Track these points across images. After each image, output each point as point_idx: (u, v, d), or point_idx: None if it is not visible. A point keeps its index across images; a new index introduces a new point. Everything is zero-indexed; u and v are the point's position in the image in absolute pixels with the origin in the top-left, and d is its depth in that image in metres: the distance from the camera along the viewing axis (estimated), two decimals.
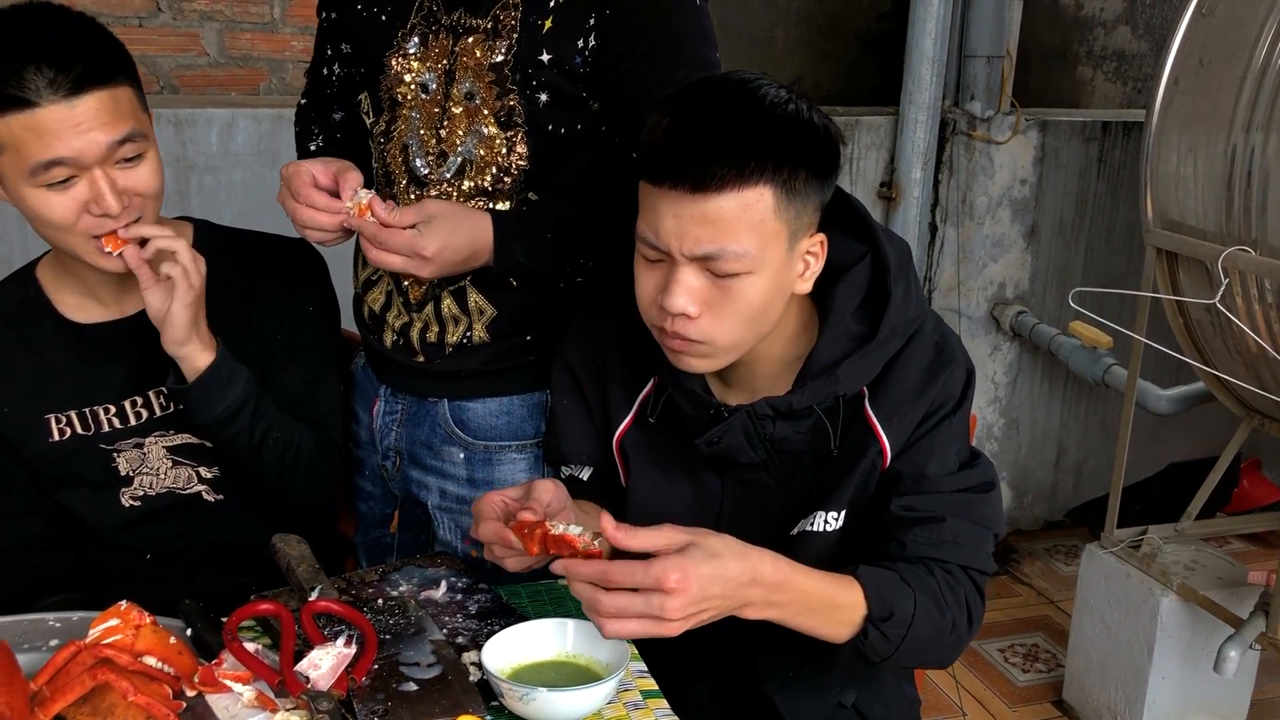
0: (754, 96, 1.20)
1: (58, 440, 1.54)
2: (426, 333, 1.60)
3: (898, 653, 1.25)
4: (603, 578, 1.08)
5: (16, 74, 1.31)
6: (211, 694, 1.13)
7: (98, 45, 1.39)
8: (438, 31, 1.50)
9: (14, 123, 1.33)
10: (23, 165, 1.35)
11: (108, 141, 1.36)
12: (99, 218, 1.39)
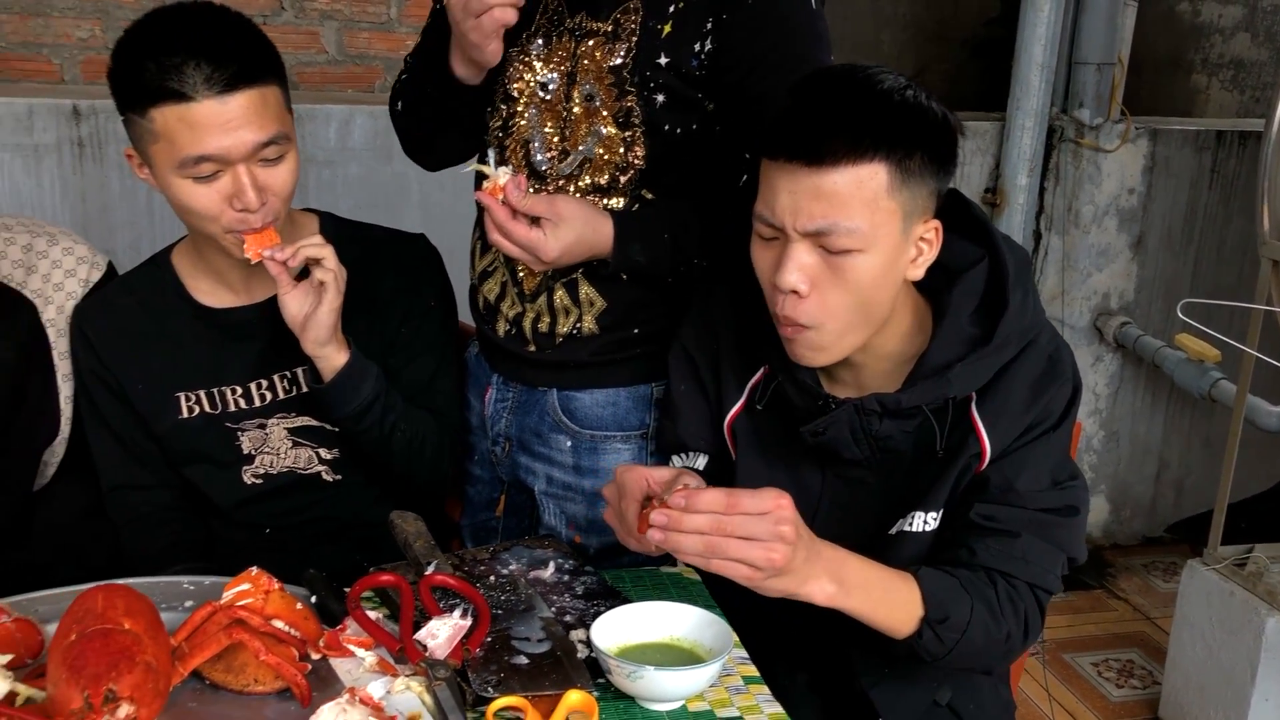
0: (872, 80, 1.23)
1: (186, 418, 1.62)
2: (538, 323, 1.65)
3: (950, 655, 1.28)
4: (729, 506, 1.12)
5: (176, 69, 1.39)
6: (335, 658, 1.19)
7: (252, 45, 1.46)
8: (561, 34, 1.55)
9: (169, 114, 1.41)
10: (173, 156, 1.43)
11: (255, 141, 1.43)
12: (239, 212, 1.47)
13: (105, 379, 1.60)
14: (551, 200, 1.49)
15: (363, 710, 1.05)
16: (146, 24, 1.46)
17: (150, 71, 1.40)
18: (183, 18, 1.46)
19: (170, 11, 1.47)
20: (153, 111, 1.42)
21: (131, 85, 1.43)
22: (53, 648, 1.07)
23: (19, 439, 1.61)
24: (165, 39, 1.42)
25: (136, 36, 1.45)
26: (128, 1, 2.96)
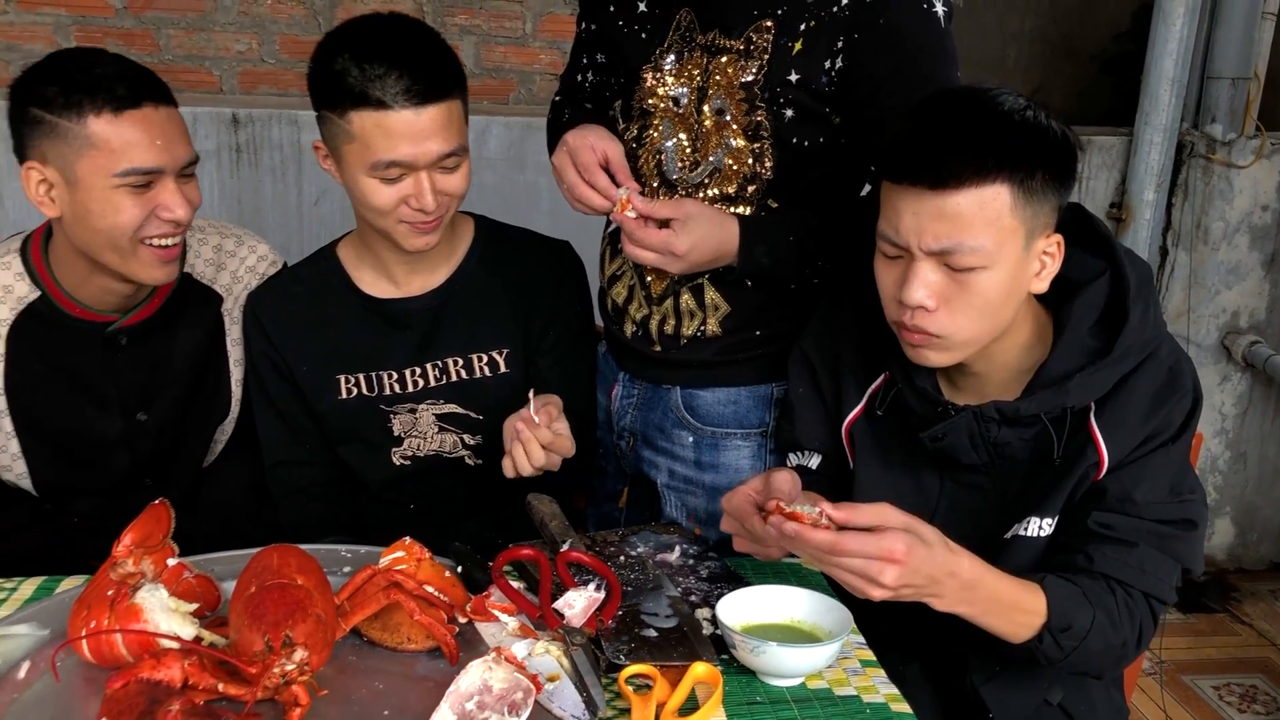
0: (993, 102, 1.27)
1: (345, 399, 1.75)
2: (664, 325, 1.73)
3: (1066, 660, 1.31)
4: (833, 547, 1.17)
5: (380, 78, 1.51)
6: (480, 622, 1.29)
7: (444, 61, 1.58)
8: (693, 50, 1.62)
9: (367, 119, 1.53)
10: (365, 158, 1.55)
11: (440, 151, 1.55)
12: (415, 210, 1.59)
13: (274, 360, 1.73)
14: (678, 202, 1.57)
15: (508, 668, 1.14)
16: (350, 30, 1.57)
17: (354, 77, 1.52)
18: (385, 29, 1.57)
19: (372, 21, 1.59)
20: (352, 114, 1.53)
21: (333, 87, 1.54)
22: (234, 599, 1.19)
23: (197, 419, 1.76)
24: (370, 47, 1.53)
25: (341, 41, 1.56)
26: (283, 17, 3.16)
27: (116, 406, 1.68)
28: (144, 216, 1.55)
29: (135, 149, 1.51)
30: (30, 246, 1.68)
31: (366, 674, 1.21)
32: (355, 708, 1.15)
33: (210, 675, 1.10)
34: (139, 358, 1.68)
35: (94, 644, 1.15)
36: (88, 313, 1.66)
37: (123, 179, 1.52)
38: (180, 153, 1.56)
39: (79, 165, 1.51)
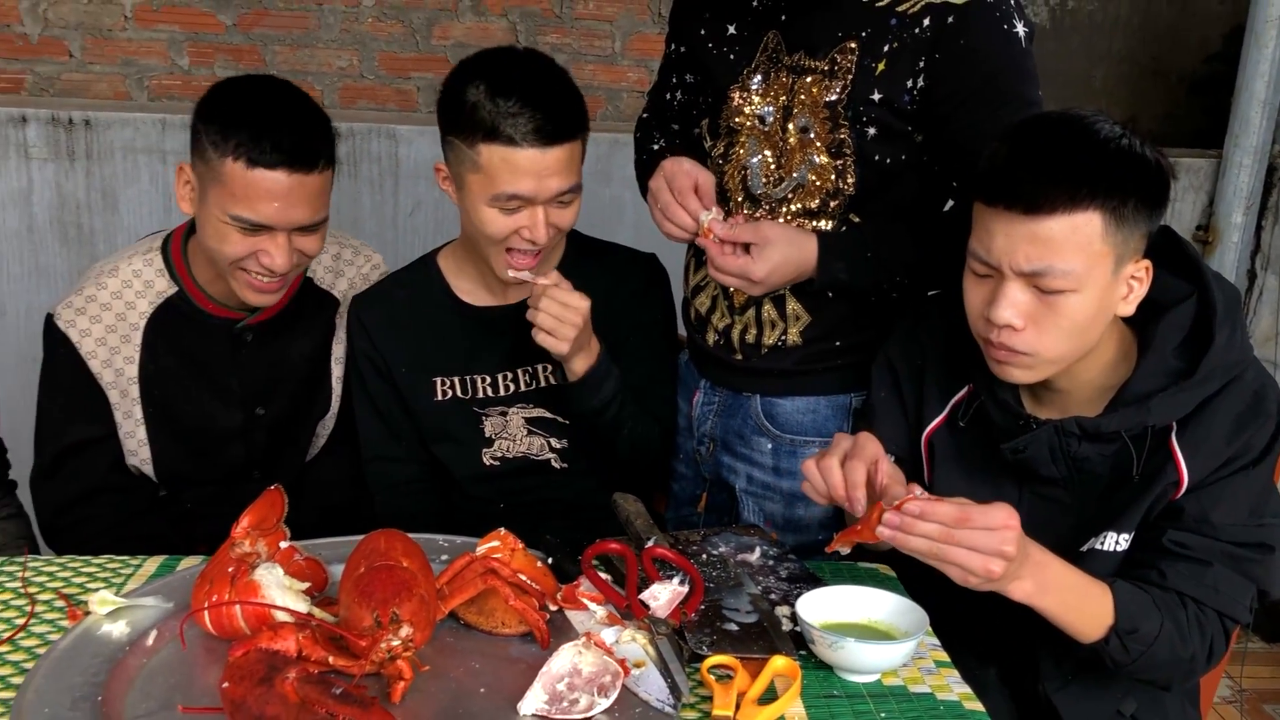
0: (1088, 129, 1.30)
1: (440, 400, 1.83)
2: (746, 334, 1.78)
3: (1134, 665, 1.34)
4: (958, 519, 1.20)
5: (512, 115, 1.58)
6: (570, 610, 1.35)
7: (571, 102, 1.65)
8: (779, 70, 1.68)
9: (494, 153, 1.61)
10: (488, 189, 1.63)
11: (559, 189, 1.64)
12: (525, 240, 1.67)
13: (375, 361, 1.83)
14: (756, 226, 1.63)
15: (597, 653, 1.20)
16: (486, 63, 1.65)
17: (487, 111, 1.59)
18: (521, 65, 1.65)
19: (508, 56, 1.67)
20: (481, 146, 1.62)
21: (465, 117, 1.62)
22: (344, 578, 1.28)
23: (303, 414, 1.87)
24: (505, 83, 1.60)
25: (476, 72, 1.63)
26: (382, 35, 3.28)
27: (238, 400, 1.79)
28: (246, 254, 1.64)
29: (251, 202, 1.60)
30: (171, 244, 1.80)
31: (463, 654, 1.28)
32: (453, 685, 1.22)
33: (322, 648, 1.18)
34: (261, 355, 1.79)
35: (215, 616, 1.24)
36: (219, 309, 1.78)
37: (234, 220, 1.61)
38: (297, 216, 1.62)
39: (208, 189, 1.62)
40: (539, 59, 1.69)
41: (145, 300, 1.76)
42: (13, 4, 3.17)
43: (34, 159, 3.01)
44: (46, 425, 1.80)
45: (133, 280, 1.77)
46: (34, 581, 1.40)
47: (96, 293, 1.75)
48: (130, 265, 1.78)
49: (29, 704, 1.12)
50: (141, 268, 1.78)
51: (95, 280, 1.77)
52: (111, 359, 1.75)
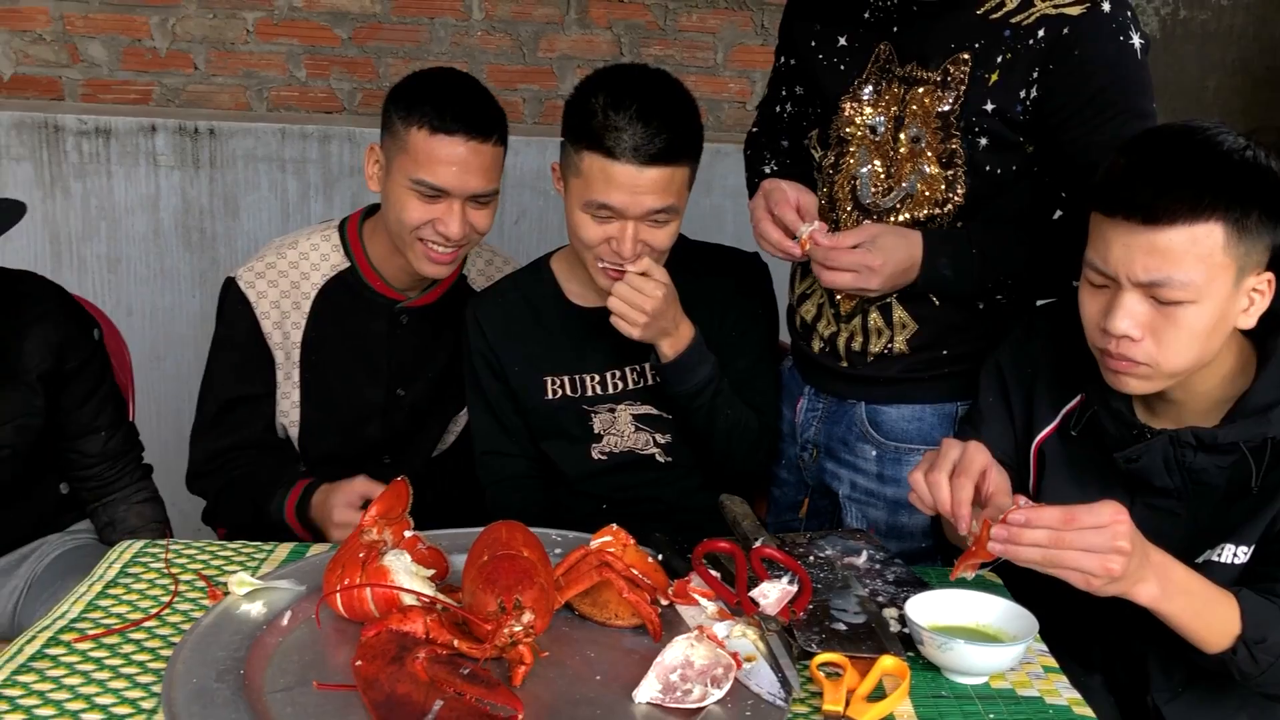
0: (1210, 141, 1.30)
1: (550, 398, 1.89)
2: (852, 342, 1.80)
3: (1262, 676, 1.32)
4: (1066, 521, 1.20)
5: (615, 129, 1.64)
6: (680, 605, 1.39)
7: (683, 128, 1.69)
8: (890, 81, 1.70)
9: (594, 161, 1.68)
10: (583, 193, 1.70)
11: (651, 208, 1.68)
12: (613, 252, 1.72)
13: (489, 359, 1.89)
14: (859, 229, 1.66)
15: (709, 645, 1.24)
16: (612, 75, 1.73)
17: (597, 120, 1.66)
18: (641, 84, 1.70)
19: (633, 73, 1.74)
20: (584, 153, 1.69)
21: (578, 123, 1.70)
22: (468, 566, 1.33)
23: (440, 405, 1.97)
24: (621, 97, 1.66)
25: (600, 83, 1.71)
26: (491, 48, 3.38)
27: (384, 378, 1.91)
28: (424, 221, 1.78)
29: (432, 166, 1.74)
30: (348, 224, 1.95)
31: (578, 644, 1.33)
32: (570, 672, 1.27)
33: (447, 632, 1.23)
34: (411, 339, 1.91)
35: (347, 598, 1.31)
36: (385, 288, 1.92)
37: (415, 185, 1.76)
38: (473, 184, 1.76)
39: (394, 159, 1.78)
40: (666, 82, 1.75)
41: (319, 272, 1.91)
42: (143, 20, 3.34)
43: (161, 166, 3.16)
44: (214, 380, 1.94)
45: (310, 253, 1.92)
46: (175, 563, 1.49)
47: (276, 260, 1.91)
48: (309, 240, 1.93)
49: (179, 675, 1.20)
50: (319, 242, 1.93)
51: (276, 249, 1.93)
52: (282, 322, 1.89)
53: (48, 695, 1.20)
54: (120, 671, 1.25)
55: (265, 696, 1.19)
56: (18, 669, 1.24)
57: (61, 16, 3.34)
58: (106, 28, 3.35)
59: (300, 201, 3.18)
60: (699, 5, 3.33)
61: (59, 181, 3.17)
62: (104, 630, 1.32)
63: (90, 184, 3.17)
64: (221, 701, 1.16)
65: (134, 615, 1.36)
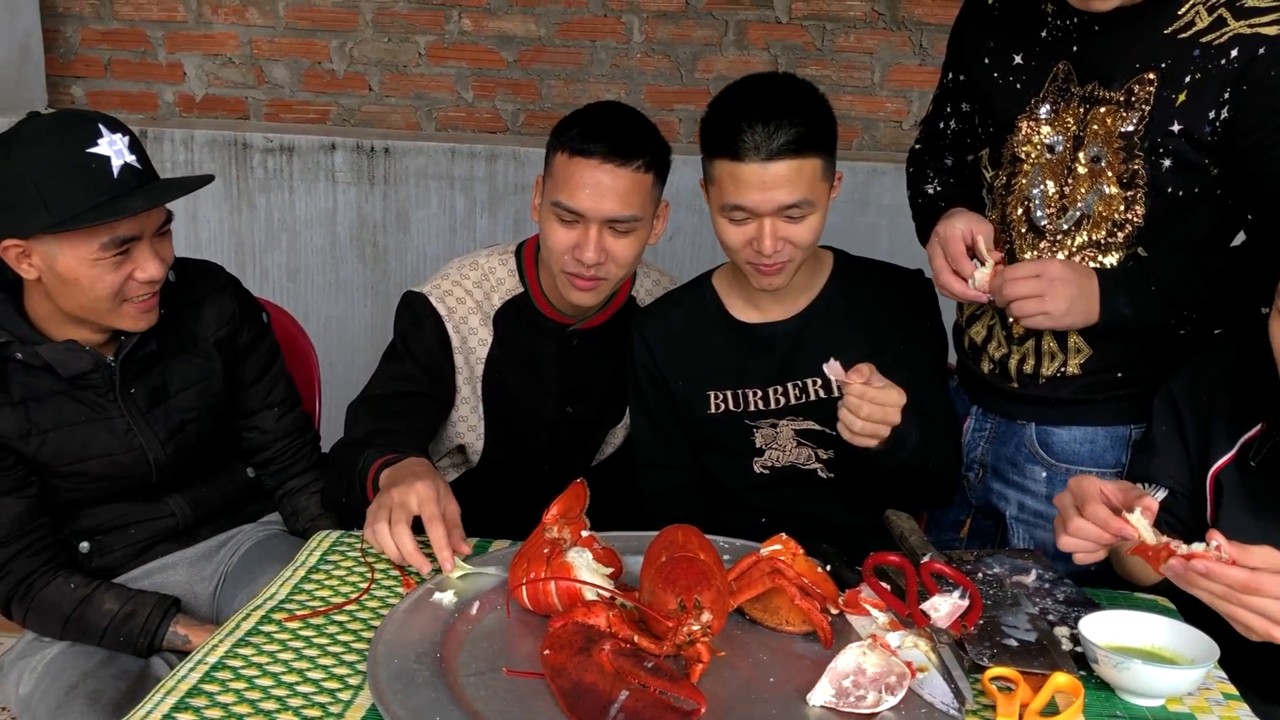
0: None
1: (713, 413, 1.94)
2: (1023, 364, 1.80)
3: None
4: (1247, 586, 1.22)
5: (736, 131, 1.70)
6: (851, 614, 1.42)
7: (805, 122, 1.71)
8: (1070, 100, 1.70)
9: (722, 166, 1.74)
10: (719, 199, 1.76)
11: (781, 203, 1.72)
12: (755, 252, 1.76)
13: (654, 374, 1.96)
14: (1039, 264, 1.65)
15: (882, 654, 1.26)
16: (736, 86, 1.79)
17: (721, 127, 1.73)
18: (763, 87, 1.76)
19: (755, 80, 1.80)
20: (715, 160, 1.75)
21: (708, 134, 1.77)
22: (646, 566, 1.39)
23: (600, 420, 2.04)
24: (741, 103, 1.73)
25: (727, 93, 1.78)
26: (649, 69, 3.46)
27: (555, 396, 1.99)
28: (566, 247, 1.84)
29: (570, 189, 1.81)
30: (524, 250, 2.04)
31: (750, 647, 1.37)
32: (743, 673, 1.32)
33: (628, 628, 1.29)
34: (581, 359, 2.00)
35: (532, 591, 1.38)
36: (554, 313, 2.00)
37: (555, 208, 1.83)
38: (607, 207, 1.81)
39: (545, 185, 1.87)
40: (786, 81, 1.79)
41: (497, 295, 2.01)
42: (324, 44, 3.54)
43: (339, 183, 3.35)
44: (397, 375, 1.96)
45: (489, 275, 2.02)
46: (370, 552, 1.59)
47: (461, 280, 2.01)
48: (488, 262, 2.03)
49: (381, 655, 1.29)
50: (497, 266, 2.02)
51: (458, 270, 2.02)
52: (468, 338, 1.99)
53: (265, 667, 1.30)
54: (327, 650, 1.35)
55: (460, 679, 1.27)
56: (237, 643, 1.35)
57: (250, 41, 3.57)
58: (290, 51, 3.56)
59: (467, 217, 3.31)
60: (856, 26, 3.36)
61: (245, 195, 3.39)
62: (310, 611, 1.43)
63: (273, 198, 3.38)
64: (421, 681, 1.25)
65: (335, 599, 1.46)
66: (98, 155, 1.63)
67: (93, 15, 3.59)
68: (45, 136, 1.64)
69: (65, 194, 1.61)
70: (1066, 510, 1.40)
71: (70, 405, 1.77)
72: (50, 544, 1.80)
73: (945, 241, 1.73)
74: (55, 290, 1.68)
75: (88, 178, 1.62)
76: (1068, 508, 1.40)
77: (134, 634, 1.78)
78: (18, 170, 1.61)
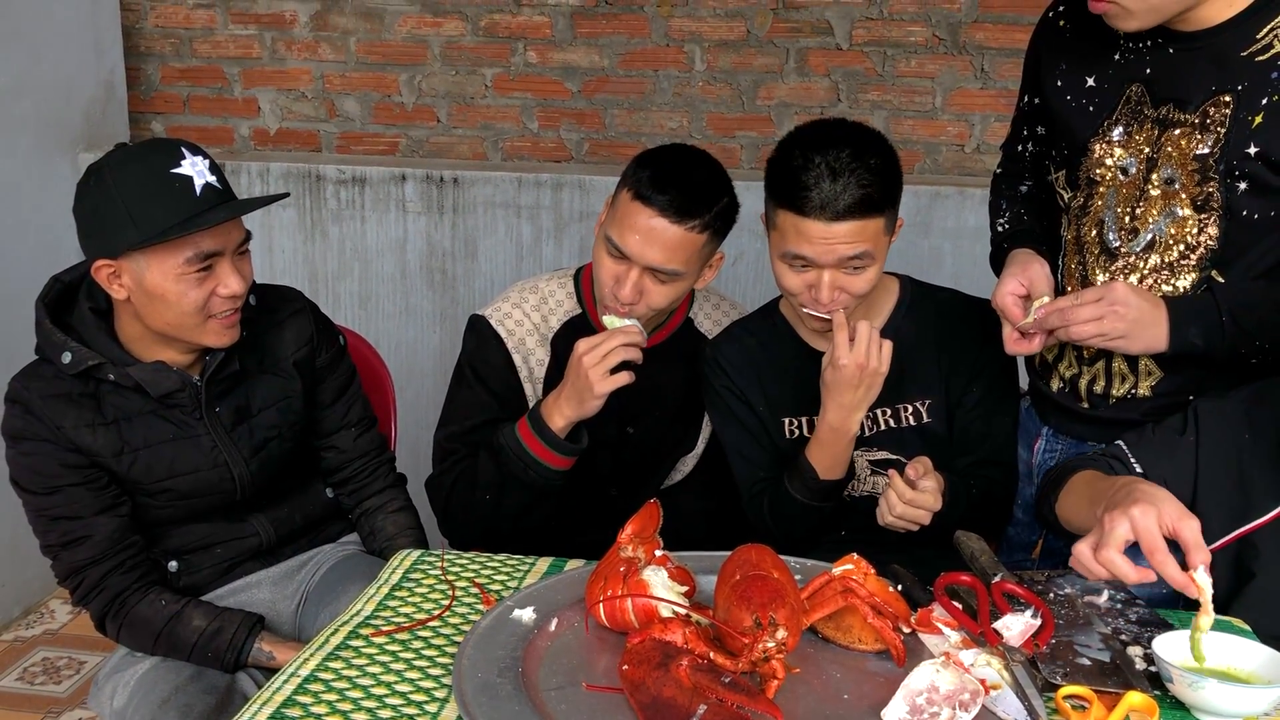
0: None
1: (789, 439, 1.97)
2: (1094, 384, 1.80)
3: None
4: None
5: (804, 187, 1.72)
6: (923, 633, 1.44)
7: (875, 183, 1.74)
8: (1143, 122, 1.70)
9: (786, 217, 1.77)
10: (780, 246, 1.80)
11: (842, 255, 1.76)
12: (813, 299, 1.79)
13: (739, 394, 1.99)
14: (1106, 287, 1.66)
15: (955, 671, 1.28)
16: (808, 132, 1.82)
17: (787, 178, 1.76)
18: (834, 141, 1.76)
19: (829, 129, 1.81)
20: (779, 209, 1.79)
21: (774, 178, 1.81)
22: (720, 584, 1.42)
23: (669, 445, 2.07)
24: (808, 153, 1.74)
25: (798, 140, 1.80)
26: (711, 97, 3.51)
27: (615, 415, 2.03)
28: (610, 279, 1.91)
29: (623, 229, 1.87)
30: (582, 273, 2.11)
31: (823, 664, 1.40)
32: (817, 690, 1.34)
33: (704, 644, 1.32)
34: (640, 379, 2.01)
35: (609, 608, 1.42)
36: None
37: (606, 239, 1.90)
38: (651, 256, 1.87)
39: (610, 211, 1.93)
40: (858, 135, 1.79)
41: (556, 317, 2.07)
42: (393, 77, 3.64)
43: (409, 212, 3.43)
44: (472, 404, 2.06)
45: (548, 299, 2.09)
46: (450, 570, 1.64)
47: (521, 303, 2.08)
48: (548, 285, 2.11)
49: (465, 669, 1.33)
50: (555, 289, 2.10)
51: (519, 293, 2.10)
52: (528, 359, 2.06)
53: (354, 680, 1.35)
54: (413, 664, 1.39)
55: (542, 693, 1.31)
56: (327, 656, 1.40)
57: (322, 76, 3.68)
58: (361, 85, 3.67)
59: (533, 245, 3.38)
60: (917, 51, 3.38)
61: (319, 225, 3.49)
62: (395, 627, 1.48)
63: (346, 228, 3.48)
64: (505, 695, 1.29)
65: (419, 615, 1.51)
66: (181, 175, 1.72)
67: (173, 54, 3.73)
68: (132, 161, 1.74)
69: (152, 211, 1.69)
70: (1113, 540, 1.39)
71: (159, 424, 1.85)
72: (142, 562, 1.88)
73: (1001, 312, 1.77)
74: (144, 308, 1.76)
75: (173, 196, 1.70)
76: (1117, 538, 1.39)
77: (221, 650, 1.84)
78: (110, 194, 1.70)
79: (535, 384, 2.06)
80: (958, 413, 1.92)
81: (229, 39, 3.70)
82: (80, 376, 1.79)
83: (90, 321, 1.82)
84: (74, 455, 1.79)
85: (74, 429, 1.78)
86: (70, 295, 1.86)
